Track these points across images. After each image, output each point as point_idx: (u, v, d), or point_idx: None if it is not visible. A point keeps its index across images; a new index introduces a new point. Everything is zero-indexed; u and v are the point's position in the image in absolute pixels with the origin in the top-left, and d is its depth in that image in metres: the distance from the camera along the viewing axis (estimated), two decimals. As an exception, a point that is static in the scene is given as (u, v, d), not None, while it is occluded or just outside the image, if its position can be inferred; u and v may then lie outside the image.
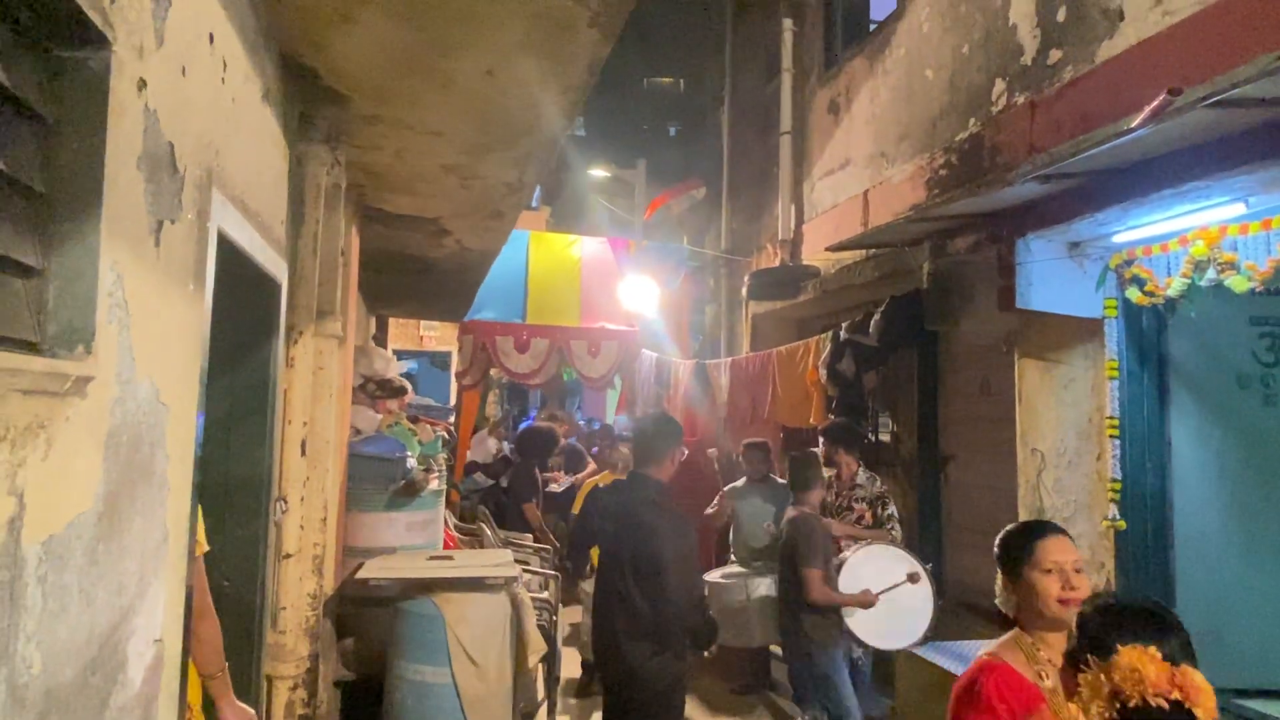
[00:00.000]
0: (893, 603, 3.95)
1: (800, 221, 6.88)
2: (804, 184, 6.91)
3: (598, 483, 5.38)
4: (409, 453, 4.13)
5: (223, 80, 1.84)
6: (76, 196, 1.14)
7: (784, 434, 6.88)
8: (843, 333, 5.23)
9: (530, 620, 3.63)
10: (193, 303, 1.70)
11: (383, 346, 7.99)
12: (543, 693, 4.08)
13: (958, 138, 4.70)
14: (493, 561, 3.79)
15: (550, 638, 3.97)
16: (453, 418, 7.81)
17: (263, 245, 2.28)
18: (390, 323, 9.67)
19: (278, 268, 2.52)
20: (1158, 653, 1.45)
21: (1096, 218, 3.55)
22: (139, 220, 1.36)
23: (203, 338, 1.78)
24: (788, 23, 6.94)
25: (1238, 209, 3.13)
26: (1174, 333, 3.82)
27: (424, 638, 3.35)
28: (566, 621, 5.72)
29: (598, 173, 11.88)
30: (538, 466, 6.72)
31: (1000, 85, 4.40)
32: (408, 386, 4.88)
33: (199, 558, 1.98)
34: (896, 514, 4.60)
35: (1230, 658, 3.52)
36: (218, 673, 2.08)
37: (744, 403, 6.60)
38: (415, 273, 5.69)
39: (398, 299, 7.47)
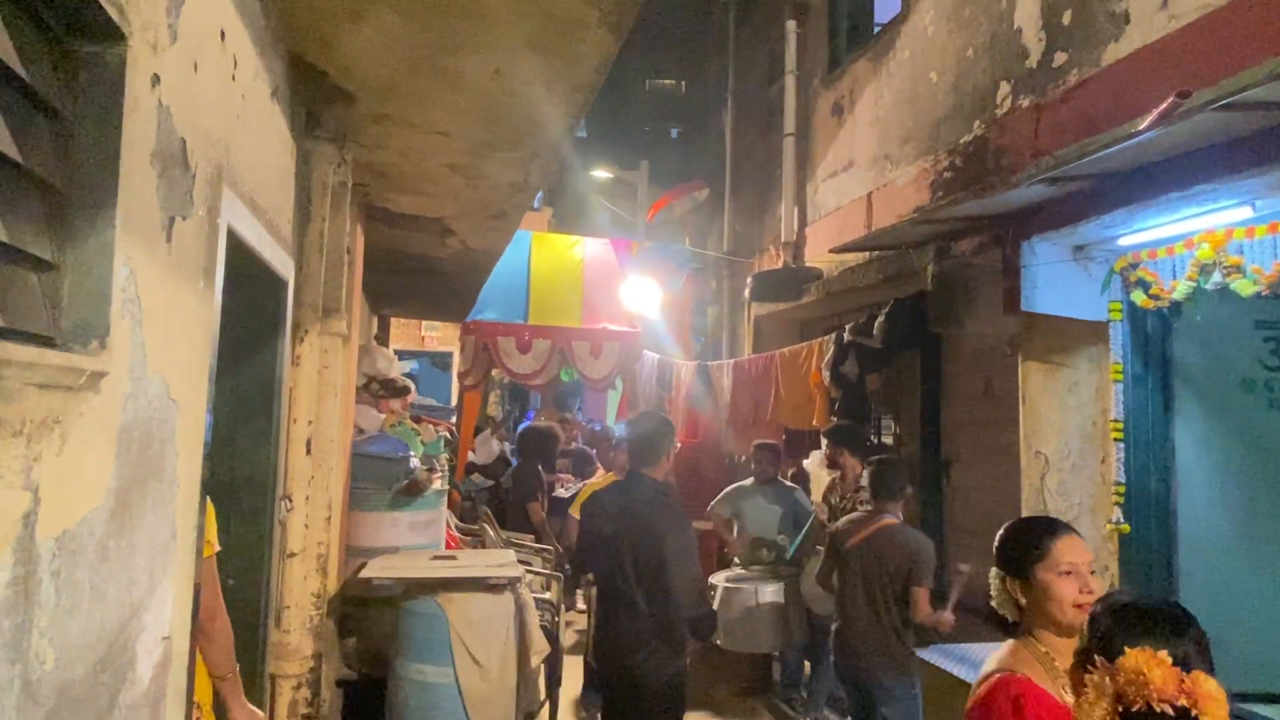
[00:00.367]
0: None
1: (803, 223, 6.88)
2: (807, 186, 6.91)
3: (596, 486, 5.35)
4: (412, 452, 4.13)
5: (233, 77, 1.83)
6: (92, 191, 1.14)
7: (786, 436, 6.87)
8: (846, 335, 5.23)
9: (533, 620, 3.62)
10: (203, 299, 1.70)
11: (384, 346, 7.99)
12: (544, 693, 4.08)
13: (962, 140, 4.70)
14: (496, 562, 3.79)
15: (553, 638, 3.96)
16: (454, 418, 7.80)
17: (270, 243, 2.28)
18: (392, 323, 9.66)
19: (285, 265, 2.52)
20: (1168, 656, 1.36)
21: (1102, 220, 3.55)
22: (152, 216, 1.36)
23: (212, 334, 1.78)
24: (791, 24, 6.94)
25: (1244, 212, 3.13)
26: (1179, 336, 3.82)
27: (427, 637, 3.34)
28: (574, 629, 5.69)
29: (600, 174, 11.88)
30: (542, 467, 6.71)
31: (1005, 88, 4.40)
32: (411, 386, 4.87)
33: (211, 557, 1.98)
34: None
35: (1234, 662, 3.49)
36: (229, 674, 2.06)
37: (746, 404, 6.60)
38: (418, 273, 5.68)
39: (400, 299, 7.46)
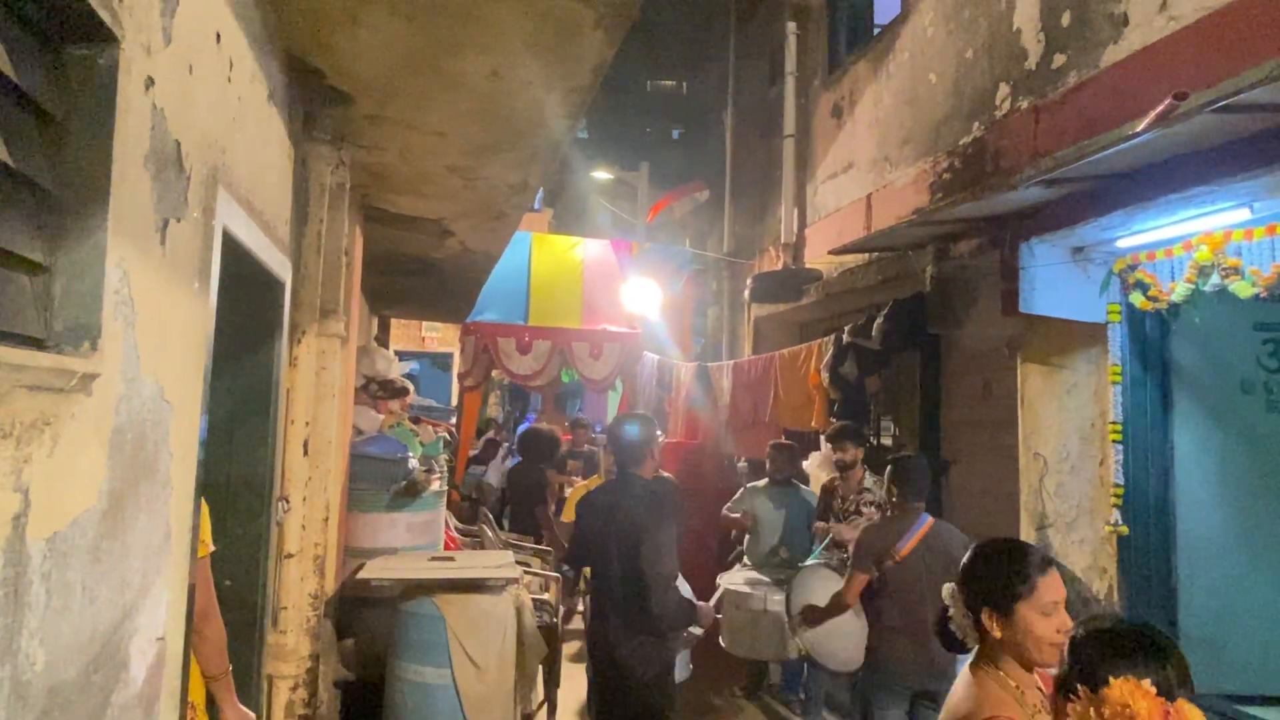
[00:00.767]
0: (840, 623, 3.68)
1: (803, 224, 6.88)
2: (807, 187, 6.91)
3: (588, 487, 5.33)
4: (410, 453, 4.13)
5: (229, 79, 1.84)
6: (84, 193, 1.14)
7: (786, 437, 6.86)
8: (845, 336, 5.22)
9: (531, 622, 3.62)
10: (198, 301, 1.70)
11: (384, 347, 7.99)
12: (543, 694, 4.08)
13: (961, 142, 4.70)
14: (494, 563, 3.79)
15: (552, 640, 3.96)
16: (454, 419, 7.81)
17: (267, 244, 2.28)
18: (392, 323, 9.68)
19: (282, 267, 2.52)
20: (1151, 685, 1.36)
21: (1100, 222, 3.55)
22: (145, 218, 1.36)
23: (207, 336, 1.78)
24: (791, 26, 6.95)
25: (1243, 214, 3.13)
26: (1178, 338, 3.81)
27: (425, 639, 3.34)
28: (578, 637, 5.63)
29: (601, 175, 11.89)
30: (548, 469, 6.71)
31: (1004, 89, 4.40)
32: (410, 387, 4.88)
33: (205, 559, 1.98)
34: None
35: (1232, 664, 3.51)
36: (221, 674, 2.07)
37: (746, 406, 6.60)
38: (418, 273, 5.69)
39: (400, 300, 7.47)
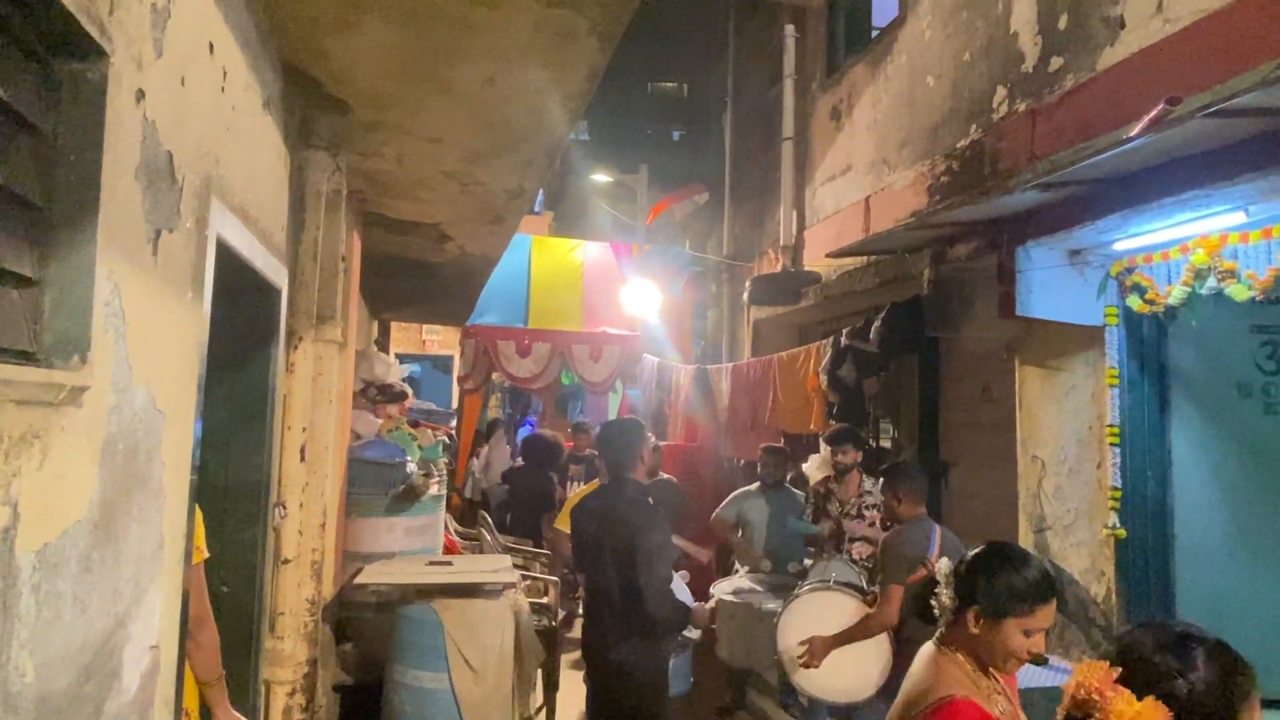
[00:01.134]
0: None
1: (802, 227, 6.89)
2: (806, 190, 6.91)
3: (585, 492, 5.32)
4: (409, 457, 4.14)
5: (222, 89, 1.85)
6: (73, 207, 1.15)
7: (785, 440, 6.86)
8: (843, 339, 5.22)
9: (529, 626, 3.63)
10: (191, 310, 1.71)
11: (385, 350, 8.01)
12: (542, 698, 4.08)
13: (959, 144, 4.70)
14: (492, 567, 3.79)
15: (550, 644, 3.97)
16: (454, 422, 7.81)
17: (263, 252, 2.29)
18: (393, 326, 9.69)
19: (278, 274, 2.53)
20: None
21: (1097, 225, 3.55)
22: (137, 229, 1.37)
23: (201, 345, 1.79)
24: (790, 29, 6.95)
25: (1238, 217, 3.13)
26: (1175, 341, 3.81)
27: (422, 643, 3.35)
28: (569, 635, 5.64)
29: (600, 177, 11.91)
30: (553, 475, 6.73)
31: (1001, 92, 4.40)
32: (408, 391, 4.88)
33: (199, 565, 1.99)
34: None
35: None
36: (215, 680, 2.08)
37: (744, 408, 6.60)
38: (417, 277, 5.70)
39: (400, 303, 7.49)
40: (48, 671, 1.12)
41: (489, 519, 5.85)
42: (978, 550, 1.84)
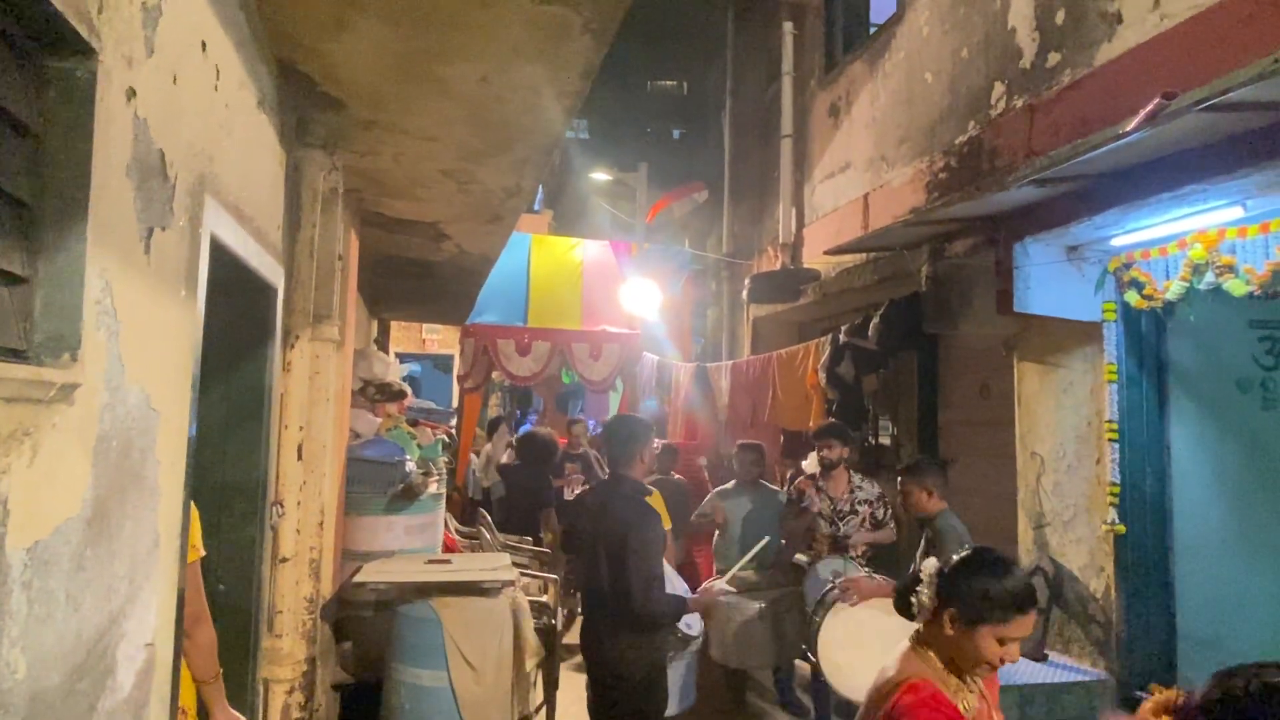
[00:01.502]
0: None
1: (801, 225, 6.89)
2: (805, 187, 6.91)
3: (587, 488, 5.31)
4: (408, 456, 4.14)
5: (216, 87, 1.85)
6: (62, 205, 1.15)
7: (784, 437, 6.87)
8: (842, 336, 5.22)
9: (528, 624, 3.63)
10: (185, 308, 1.71)
11: (385, 349, 8.01)
12: (540, 697, 4.08)
13: (957, 141, 4.70)
14: (490, 565, 3.79)
15: (550, 642, 3.97)
16: (454, 421, 7.81)
17: (258, 250, 2.29)
18: (392, 325, 9.69)
19: (273, 272, 2.53)
20: None
21: (1094, 221, 3.55)
22: (128, 227, 1.37)
23: (195, 343, 1.79)
24: (788, 26, 6.95)
25: (1236, 212, 3.13)
26: (1173, 336, 3.81)
27: (421, 641, 3.35)
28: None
29: (600, 176, 11.90)
30: (550, 473, 6.73)
31: (999, 88, 4.40)
32: (407, 390, 4.88)
33: (195, 563, 1.99)
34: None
35: (1230, 661, 3.50)
36: (212, 679, 2.08)
37: (744, 406, 6.61)
38: (416, 276, 5.70)
39: (399, 302, 7.49)
40: (40, 669, 1.12)
41: (489, 517, 5.85)
42: (963, 554, 1.85)
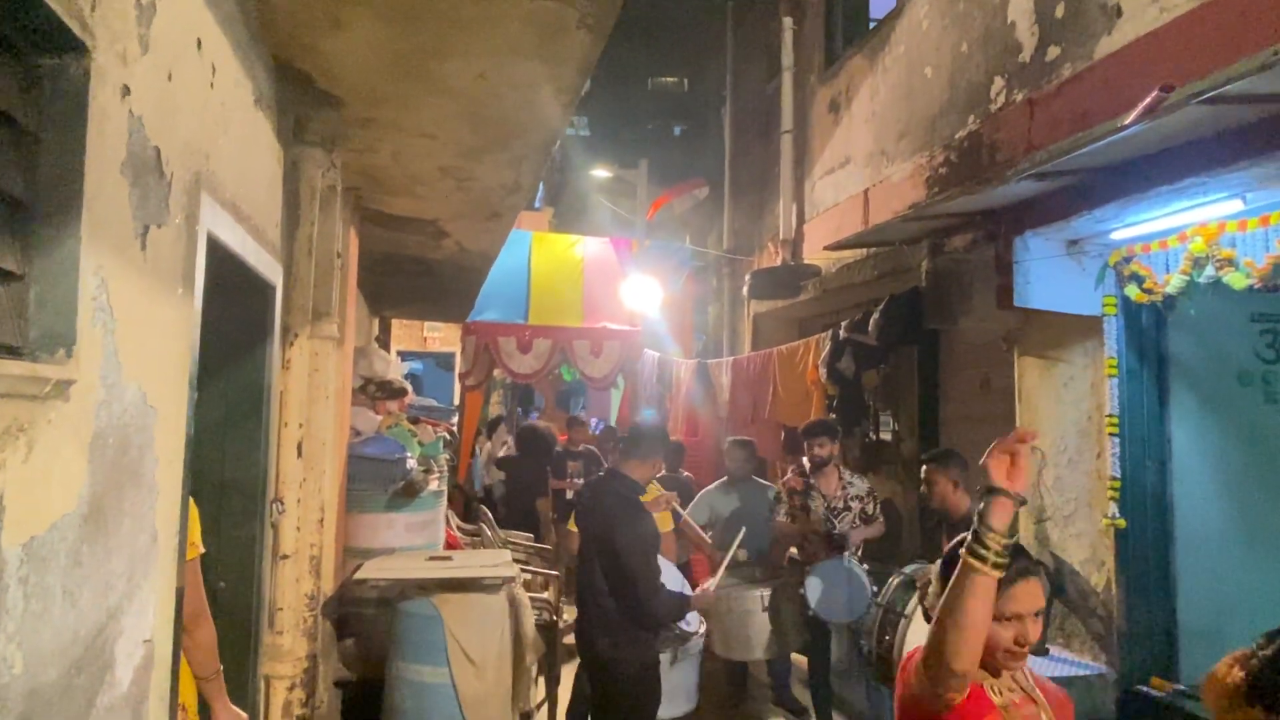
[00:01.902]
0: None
1: (801, 220, 6.88)
2: (805, 183, 6.90)
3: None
4: (409, 454, 4.15)
5: (211, 85, 1.85)
6: (56, 203, 1.15)
7: (785, 433, 6.86)
8: (842, 331, 5.22)
9: (529, 620, 3.64)
10: (182, 306, 1.71)
11: (386, 348, 8.02)
12: (542, 693, 4.09)
13: (957, 135, 4.69)
14: (491, 562, 3.80)
15: (551, 638, 3.98)
16: (456, 418, 7.82)
17: (256, 248, 2.29)
18: (394, 323, 9.70)
19: (271, 270, 2.53)
20: None
21: (1094, 215, 3.54)
22: (124, 225, 1.37)
23: (192, 341, 1.79)
24: (788, 21, 6.93)
25: (1235, 205, 3.12)
26: (1174, 330, 3.80)
27: (422, 638, 3.36)
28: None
29: (600, 173, 11.89)
30: (549, 469, 6.76)
31: (999, 83, 4.39)
32: (407, 388, 4.89)
33: (194, 560, 1.99)
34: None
35: (1231, 656, 3.50)
36: (212, 675, 2.09)
37: (745, 402, 6.61)
38: (416, 274, 5.71)
39: (400, 300, 7.49)
40: (37, 664, 1.13)
41: (489, 514, 5.86)
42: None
